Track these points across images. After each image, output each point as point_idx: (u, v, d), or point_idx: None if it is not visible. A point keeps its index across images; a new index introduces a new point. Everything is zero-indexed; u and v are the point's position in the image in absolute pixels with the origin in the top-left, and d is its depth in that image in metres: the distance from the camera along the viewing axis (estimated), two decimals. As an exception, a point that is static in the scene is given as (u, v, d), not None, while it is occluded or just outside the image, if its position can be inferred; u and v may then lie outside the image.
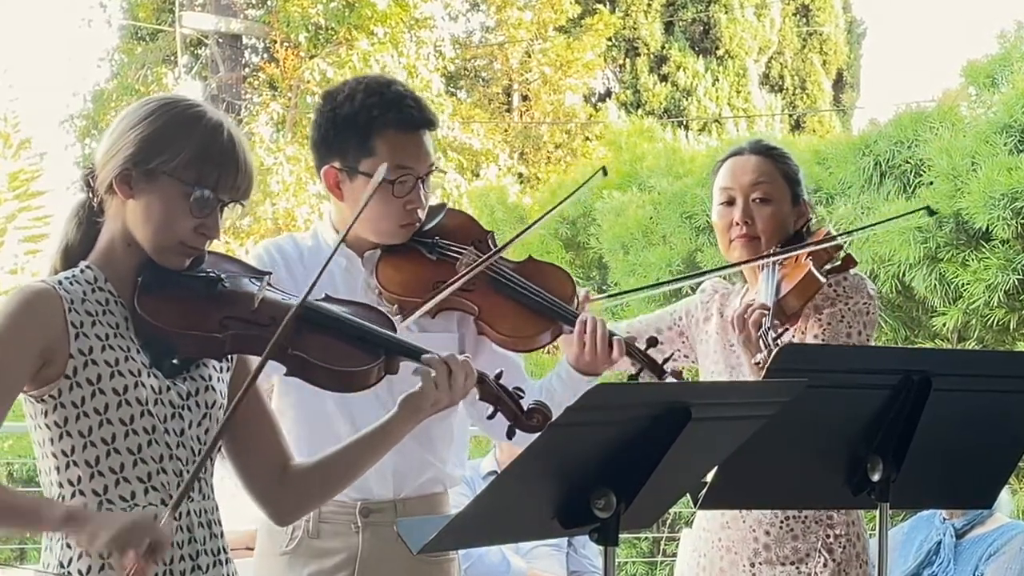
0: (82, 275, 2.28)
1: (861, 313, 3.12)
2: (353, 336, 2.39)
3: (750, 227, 3.17)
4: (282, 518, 2.50)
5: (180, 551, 2.26)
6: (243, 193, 2.30)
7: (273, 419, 2.46)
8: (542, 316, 2.92)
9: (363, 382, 2.39)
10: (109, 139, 2.30)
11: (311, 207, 15.90)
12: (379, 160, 2.76)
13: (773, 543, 3.12)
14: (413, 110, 2.83)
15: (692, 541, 3.28)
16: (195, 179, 2.24)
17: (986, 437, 2.62)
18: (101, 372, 2.21)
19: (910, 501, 2.98)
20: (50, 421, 2.22)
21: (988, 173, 5.58)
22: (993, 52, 6.49)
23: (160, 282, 2.28)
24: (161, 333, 2.25)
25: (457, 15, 19.50)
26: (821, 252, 3.12)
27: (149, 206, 2.25)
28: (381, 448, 2.44)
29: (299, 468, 2.43)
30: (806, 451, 2.54)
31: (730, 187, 3.21)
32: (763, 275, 3.13)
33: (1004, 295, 5.60)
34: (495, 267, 2.91)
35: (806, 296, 3.06)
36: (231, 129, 2.30)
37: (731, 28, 18.49)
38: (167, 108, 2.29)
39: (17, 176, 15.74)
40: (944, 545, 4.87)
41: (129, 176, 2.25)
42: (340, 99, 2.84)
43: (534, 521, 2.22)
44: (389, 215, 2.84)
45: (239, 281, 2.36)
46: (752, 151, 3.25)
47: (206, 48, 18.30)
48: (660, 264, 7.23)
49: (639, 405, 2.11)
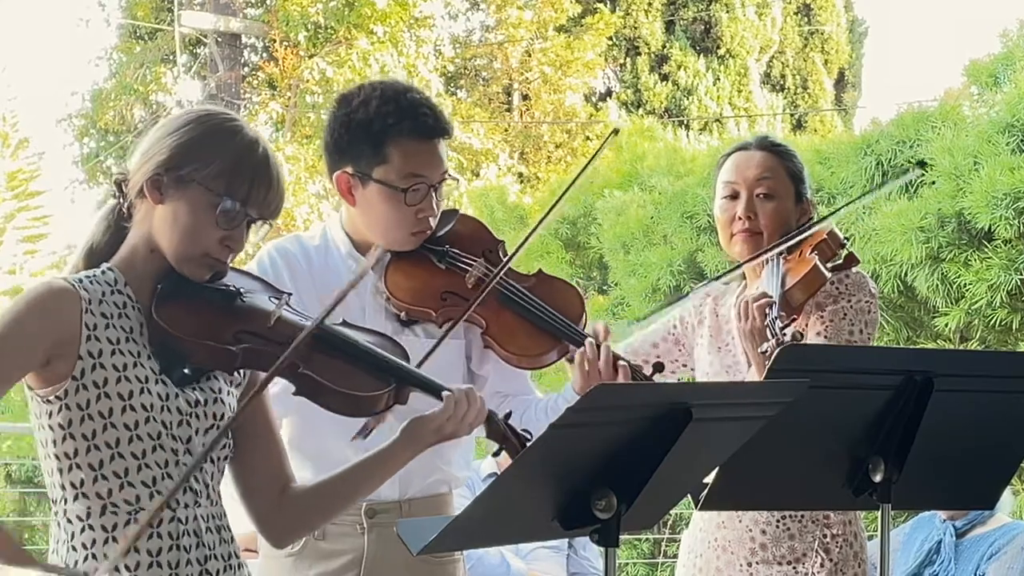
0: (103, 276, 2.28)
1: (863, 311, 3.11)
2: (365, 361, 2.39)
3: (752, 222, 3.16)
4: (277, 540, 2.49)
5: (188, 555, 2.25)
6: (273, 211, 2.30)
7: (279, 441, 2.45)
8: (549, 335, 2.89)
9: (371, 408, 2.39)
10: (144, 145, 2.31)
11: (310, 207, 15.90)
12: (392, 167, 2.76)
13: (770, 542, 3.11)
14: (428, 118, 2.81)
15: (688, 541, 3.27)
16: (225, 190, 2.24)
17: (988, 438, 2.62)
18: (108, 376, 2.20)
19: (912, 502, 2.97)
20: (54, 423, 2.21)
21: (990, 173, 5.58)
22: (995, 51, 6.49)
23: (179, 291, 2.28)
24: (174, 340, 2.25)
25: (457, 14, 19.50)
26: (825, 249, 3.11)
27: (177, 213, 2.25)
28: (380, 475, 2.43)
29: (297, 491, 2.42)
30: (807, 452, 2.53)
31: (734, 181, 3.20)
32: (767, 268, 3.12)
33: (1007, 295, 5.59)
34: (504, 281, 2.89)
35: (811, 290, 3.05)
36: (266, 147, 2.31)
37: (732, 27, 18.47)
38: (205, 119, 2.30)
39: (15, 176, 15.76)
40: (944, 545, 4.86)
41: (160, 181, 2.25)
42: (355, 104, 2.82)
43: (534, 522, 2.21)
44: (400, 223, 2.82)
45: (258, 297, 2.35)
46: (758, 147, 3.24)
47: (205, 47, 18.28)
48: (661, 264, 7.23)
49: (640, 406, 2.10)
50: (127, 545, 2.13)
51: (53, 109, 31.11)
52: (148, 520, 2.15)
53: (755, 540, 3.12)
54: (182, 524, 2.24)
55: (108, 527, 2.21)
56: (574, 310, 2.93)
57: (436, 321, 2.84)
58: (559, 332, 2.90)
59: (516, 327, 2.88)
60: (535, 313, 2.89)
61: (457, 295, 2.85)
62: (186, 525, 2.25)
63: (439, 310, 2.84)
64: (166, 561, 2.22)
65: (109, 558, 2.16)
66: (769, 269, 3.11)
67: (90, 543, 2.21)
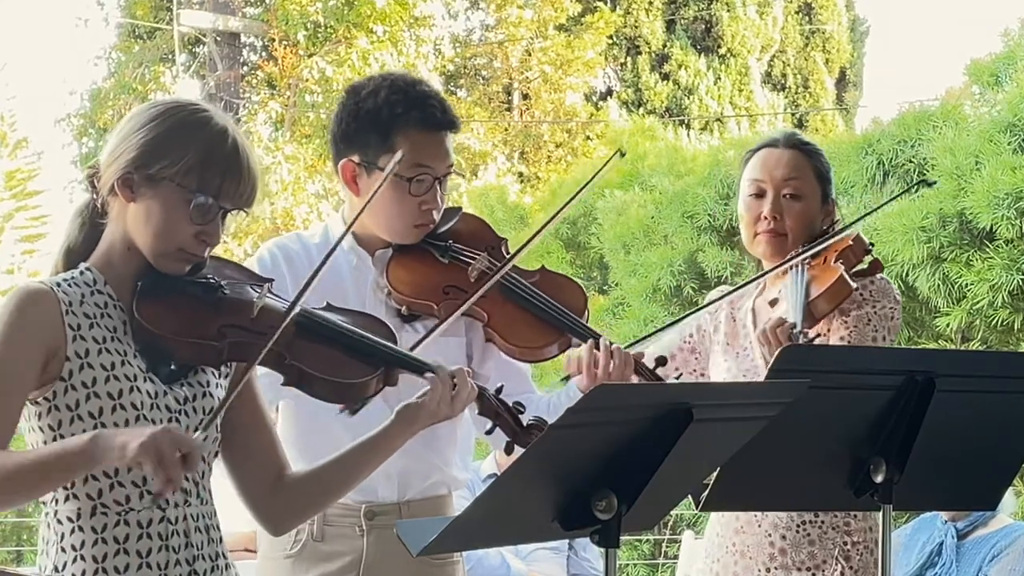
0: (81, 277, 2.26)
1: (886, 318, 3.08)
2: (352, 347, 2.38)
3: (778, 222, 3.12)
4: (276, 527, 2.47)
5: (176, 555, 2.24)
6: (246, 200, 2.29)
7: (271, 429, 2.44)
8: (552, 328, 2.88)
9: (360, 394, 2.39)
10: (114, 141, 2.29)
11: (310, 206, 15.89)
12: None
13: (789, 548, 3.08)
14: (437, 110, 2.82)
15: (705, 547, 3.24)
16: (196, 185, 2.22)
17: (990, 439, 2.61)
18: (96, 376, 2.19)
19: (913, 503, 2.96)
20: (44, 424, 2.20)
21: (992, 172, 5.57)
22: (997, 50, 6.48)
23: (159, 287, 2.26)
24: (158, 339, 2.23)
25: (457, 13, 19.48)
26: (850, 255, 3.07)
27: (150, 211, 2.24)
28: (376, 458, 2.42)
29: (293, 478, 2.41)
30: (808, 452, 2.52)
31: (761, 179, 3.15)
32: (791, 275, 3.06)
33: (1008, 295, 5.59)
34: (508, 275, 2.88)
35: (836, 301, 3.01)
36: (236, 135, 2.29)
37: (733, 26, 18.46)
38: (172, 112, 2.28)
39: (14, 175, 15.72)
40: (946, 546, 4.86)
41: (131, 180, 2.24)
42: (364, 94, 2.83)
43: (534, 523, 2.20)
44: (403, 213, 2.82)
45: (239, 288, 2.34)
46: (786, 144, 3.19)
47: (204, 46, 18.26)
48: (661, 264, 7.22)
49: (641, 406, 2.10)
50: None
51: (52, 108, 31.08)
52: None
53: (774, 545, 3.09)
54: (171, 524, 2.23)
55: (98, 528, 2.20)
56: (577, 304, 2.93)
57: (438, 315, 2.83)
58: (562, 325, 2.89)
59: (519, 319, 2.87)
60: (538, 305, 2.88)
61: (459, 288, 2.84)
62: (175, 525, 2.24)
63: (441, 303, 2.83)
64: (155, 562, 2.21)
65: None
66: (793, 276, 3.05)
67: (79, 544, 2.20)
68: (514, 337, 2.86)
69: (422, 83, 2.88)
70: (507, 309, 2.87)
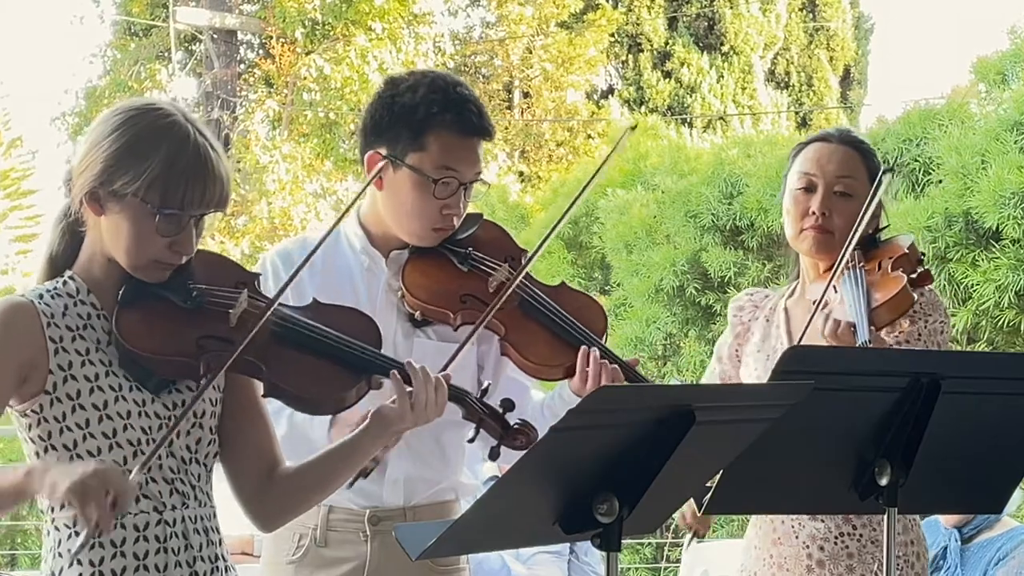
0: (64, 287, 2.26)
1: (936, 331, 3.01)
2: (333, 355, 2.36)
3: (827, 219, 3.03)
4: (264, 523, 2.46)
5: (176, 557, 2.24)
6: (217, 202, 2.25)
7: (266, 422, 2.42)
8: (571, 348, 2.82)
9: (340, 405, 2.38)
10: (83, 148, 2.28)
11: (307, 206, 15.90)
12: (428, 156, 2.73)
13: (828, 560, 3.02)
14: (473, 115, 2.78)
15: (742, 559, 3.19)
16: (160, 200, 2.20)
17: (996, 441, 2.59)
18: (80, 387, 2.20)
19: (918, 506, 2.93)
20: (34, 435, 2.22)
21: (998, 171, 5.56)
22: (1004, 48, 6.48)
23: (138, 299, 2.25)
24: (138, 357, 2.23)
25: (457, 10, 19.50)
26: (906, 265, 2.95)
27: (118, 226, 2.23)
28: (352, 461, 2.40)
29: (282, 474, 2.40)
30: (812, 455, 2.50)
31: (813, 174, 3.07)
32: (847, 278, 2.94)
33: (1015, 296, 5.58)
34: (528, 289, 2.84)
35: (899, 312, 2.89)
36: (199, 139, 2.24)
37: (736, 24, 18.45)
38: (135, 120, 2.24)
39: (8, 175, 15.74)
40: (951, 551, 4.85)
41: (97, 195, 2.23)
42: (402, 88, 2.79)
43: (535, 526, 2.19)
44: (424, 215, 2.78)
45: (220, 293, 2.31)
46: (840, 140, 3.11)
47: (200, 44, 18.26)
48: (664, 264, 7.22)
49: (642, 408, 2.07)
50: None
51: (46, 107, 31.14)
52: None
53: (812, 557, 3.04)
54: (169, 526, 2.23)
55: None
56: (597, 324, 2.87)
57: (453, 324, 2.78)
58: (581, 345, 2.81)
59: (538, 337, 2.81)
60: (559, 324, 2.83)
61: (477, 298, 2.78)
62: (173, 527, 2.24)
63: (457, 313, 2.77)
64: (153, 564, 2.22)
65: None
66: (850, 280, 2.94)
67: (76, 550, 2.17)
68: (531, 354, 2.80)
69: (462, 85, 2.83)
70: (526, 325, 2.81)
